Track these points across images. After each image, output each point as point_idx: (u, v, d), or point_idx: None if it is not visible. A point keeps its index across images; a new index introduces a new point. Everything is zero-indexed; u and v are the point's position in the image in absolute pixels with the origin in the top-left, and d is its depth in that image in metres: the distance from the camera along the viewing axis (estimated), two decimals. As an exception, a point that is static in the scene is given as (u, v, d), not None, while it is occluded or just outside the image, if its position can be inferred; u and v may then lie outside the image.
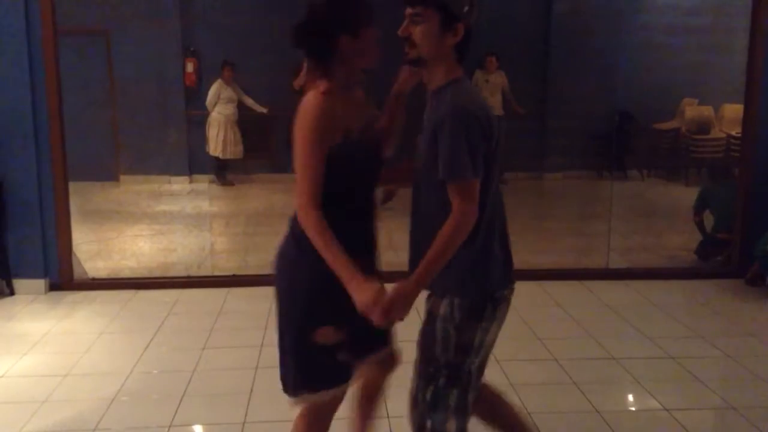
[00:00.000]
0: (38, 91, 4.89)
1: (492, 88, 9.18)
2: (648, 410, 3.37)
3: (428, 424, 2.19)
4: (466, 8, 2.08)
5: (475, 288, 2.15)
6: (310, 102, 2.14)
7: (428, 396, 2.19)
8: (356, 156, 2.18)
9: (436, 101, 2.11)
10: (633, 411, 3.41)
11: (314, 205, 2.10)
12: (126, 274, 5.58)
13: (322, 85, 2.13)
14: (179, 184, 9.71)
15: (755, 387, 3.61)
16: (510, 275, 2.24)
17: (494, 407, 2.48)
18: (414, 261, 2.16)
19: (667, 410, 3.33)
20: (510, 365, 3.76)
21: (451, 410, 2.18)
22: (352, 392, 2.44)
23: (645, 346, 4.14)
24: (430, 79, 2.15)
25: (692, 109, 10.04)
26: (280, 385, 2.34)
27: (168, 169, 9.73)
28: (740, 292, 5.16)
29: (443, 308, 2.16)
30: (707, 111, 9.95)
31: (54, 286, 5.11)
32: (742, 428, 3.18)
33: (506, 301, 2.23)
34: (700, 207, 6.07)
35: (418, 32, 2.07)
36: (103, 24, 9.45)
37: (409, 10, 2.08)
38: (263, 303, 4.83)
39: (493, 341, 2.26)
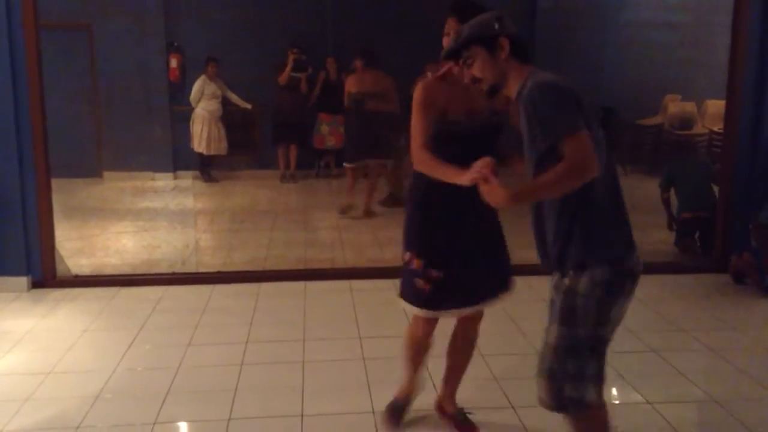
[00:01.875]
0: (20, 87, 4.84)
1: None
2: (631, 403, 3.40)
3: (567, 393, 2.30)
4: (496, 25, 2.32)
5: (614, 263, 2.27)
6: (418, 85, 2.82)
7: (569, 367, 2.29)
8: (449, 134, 2.76)
9: (520, 103, 2.29)
10: (616, 404, 3.44)
11: (423, 147, 2.73)
12: (109, 271, 5.54)
13: (433, 75, 2.85)
14: (163, 180, 9.66)
15: (737, 380, 3.64)
16: (637, 251, 2.37)
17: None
18: (544, 255, 2.36)
19: (650, 403, 3.35)
20: (495, 359, 3.78)
21: (591, 379, 2.30)
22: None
23: (628, 339, 4.16)
24: (510, 93, 2.35)
25: (675, 105, 10.11)
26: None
27: (152, 165, 9.69)
28: (722, 286, 5.20)
29: (583, 284, 2.26)
30: (690, 107, 10.03)
31: (37, 284, 5.07)
32: (725, 421, 3.21)
33: (638, 276, 2.34)
34: (666, 184, 6.17)
35: (476, 70, 2.35)
36: (85, 19, 9.37)
37: (460, 61, 2.38)
38: (248, 299, 4.84)
39: (624, 314, 2.38)
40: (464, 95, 2.74)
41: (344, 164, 7.74)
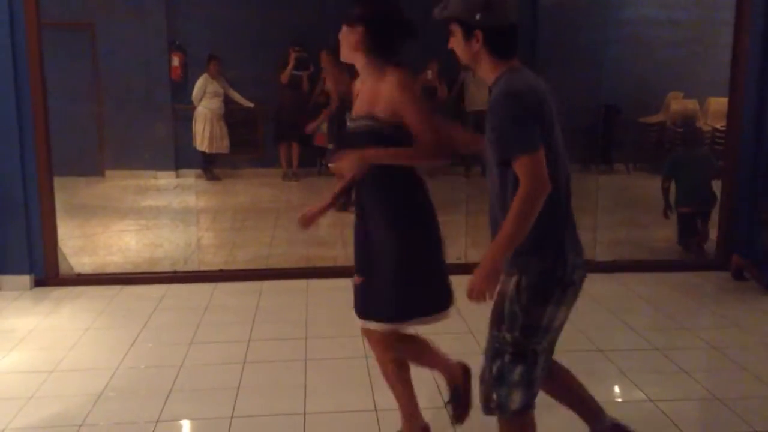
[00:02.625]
0: (22, 86, 4.85)
1: (479, 82, 9.20)
2: (634, 401, 3.40)
3: (494, 397, 2.29)
4: (478, 16, 2.23)
5: (543, 269, 2.22)
6: (404, 74, 2.61)
7: (494, 371, 2.28)
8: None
9: (490, 103, 2.27)
10: (619, 402, 3.43)
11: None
12: (112, 269, 5.55)
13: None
14: (165, 178, 9.66)
15: (740, 378, 3.64)
16: (579, 259, 2.29)
17: (563, 384, 2.61)
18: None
19: (653, 401, 3.35)
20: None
21: (515, 385, 2.26)
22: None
23: (631, 337, 4.16)
24: (486, 81, 2.33)
25: (677, 103, 10.10)
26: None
27: (154, 163, 9.69)
28: (725, 283, 5.20)
29: (511, 287, 2.23)
30: (692, 104, 10.01)
31: (39, 282, 5.08)
32: (728, 419, 3.21)
33: (575, 285, 2.28)
34: (667, 174, 6.16)
35: (451, 43, 2.34)
36: (87, 17, 9.37)
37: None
38: (250, 298, 4.84)
39: (562, 324, 2.33)
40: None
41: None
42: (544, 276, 2.21)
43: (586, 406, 2.65)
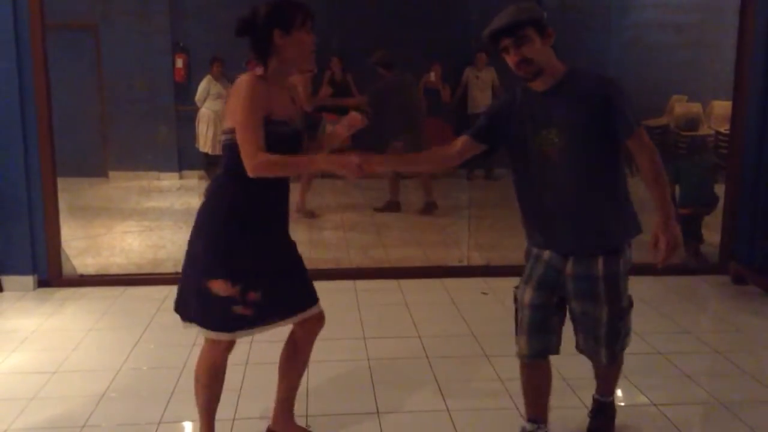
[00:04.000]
0: (26, 87, 4.86)
1: (482, 84, 9.22)
2: (636, 405, 3.39)
3: (623, 345, 2.80)
4: (545, 14, 2.49)
5: (630, 243, 2.71)
6: (244, 80, 2.51)
7: (622, 329, 2.75)
8: (276, 136, 2.51)
9: (553, 99, 2.52)
10: (622, 406, 3.43)
11: (262, 149, 2.44)
12: (115, 270, 5.55)
13: (257, 71, 2.55)
14: (169, 180, 9.67)
15: (743, 382, 3.63)
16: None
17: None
18: (585, 237, 2.63)
19: (656, 405, 3.35)
20: (500, 360, 3.78)
21: (630, 332, 2.81)
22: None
23: (633, 341, 4.12)
24: (542, 84, 2.54)
25: (681, 106, 10.08)
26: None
27: (157, 165, 9.70)
28: (728, 288, 5.19)
29: (622, 265, 2.67)
30: (696, 108, 10.00)
31: (42, 283, 5.09)
32: (730, 423, 3.20)
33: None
34: (672, 179, 6.18)
35: (528, 51, 2.47)
36: (91, 19, 9.39)
37: (508, 40, 2.47)
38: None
39: None
40: (283, 96, 2.62)
41: None
42: (631, 247, 2.70)
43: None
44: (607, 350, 2.75)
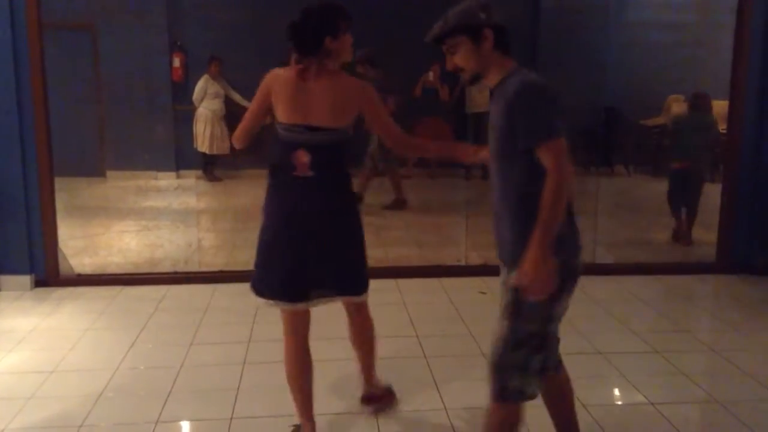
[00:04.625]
0: (23, 86, 4.85)
1: (480, 85, 9.20)
2: (634, 404, 3.40)
3: (513, 384, 2.36)
4: (482, 15, 2.30)
5: (561, 260, 2.27)
6: (368, 84, 2.89)
7: (516, 360, 2.34)
8: (280, 136, 2.84)
9: (497, 95, 2.32)
10: (619, 405, 3.44)
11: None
12: (112, 270, 5.55)
13: (294, 68, 2.79)
14: (166, 179, 9.66)
15: (740, 381, 3.64)
16: (580, 249, 2.42)
17: (561, 393, 2.68)
18: (503, 245, 2.40)
19: (653, 404, 3.35)
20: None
21: (535, 372, 2.39)
22: None
23: (631, 340, 4.17)
24: (489, 83, 2.38)
25: (678, 106, 10.08)
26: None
27: (155, 164, 9.69)
28: (724, 286, 5.20)
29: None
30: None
31: (40, 282, 5.08)
32: (727, 422, 3.21)
33: (579, 274, 2.40)
34: (670, 132, 6.35)
35: (459, 59, 2.35)
36: (89, 18, 9.38)
37: (444, 47, 2.37)
38: (250, 299, 4.81)
39: (566, 310, 2.44)
40: (310, 95, 2.78)
41: None
42: (562, 267, 2.26)
43: (570, 425, 2.70)
44: (490, 375, 2.40)
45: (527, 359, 2.35)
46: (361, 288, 3.03)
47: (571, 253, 2.35)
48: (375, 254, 6.11)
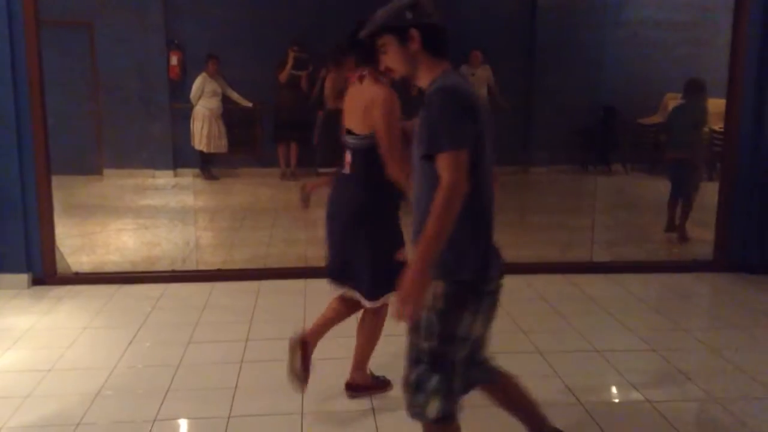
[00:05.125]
0: (20, 84, 4.84)
1: (477, 82, 9.20)
2: (631, 402, 3.40)
3: (413, 404, 2.27)
4: (408, 14, 2.21)
5: (461, 278, 2.18)
6: (387, 93, 2.94)
7: (412, 378, 2.26)
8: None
9: (425, 99, 2.20)
10: (616, 403, 3.44)
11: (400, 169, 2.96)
12: (110, 268, 5.54)
13: (386, 81, 2.90)
14: (163, 178, 9.65)
15: (738, 379, 3.64)
16: (495, 269, 2.25)
17: (505, 390, 2.60)
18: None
19: (650, 402, 3.36)
20: (497, 358, 3.78)
21: (432, 393, 2.23)
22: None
23: (628, 338, 4.17)
24: (421, 85, 2.29)
25: (675, 104, 10.09)
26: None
27: (152, 163, 9.68)
28: (723, 284, 5.21)
29: (432, 298, 2.18)
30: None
31: (37, 281, 5.07)
32: (725, 420, 3.21)
33: (491, 295, 2.25)
34: (665, 124, 6.42)
35: (387, 59, 2.29)
36: (86, 16, 9.36)
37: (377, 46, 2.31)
38: (248, 297, 4.84)
39: (482, 335, 2.31)
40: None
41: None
42: (461, 285, 2.18)
43: (529, 413, 2.63)
44: (405, 395, 2.30)
45: (422, 377, 2.23)
46: (370, 294, 3.11)
47: (476, 271, 2.20)
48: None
